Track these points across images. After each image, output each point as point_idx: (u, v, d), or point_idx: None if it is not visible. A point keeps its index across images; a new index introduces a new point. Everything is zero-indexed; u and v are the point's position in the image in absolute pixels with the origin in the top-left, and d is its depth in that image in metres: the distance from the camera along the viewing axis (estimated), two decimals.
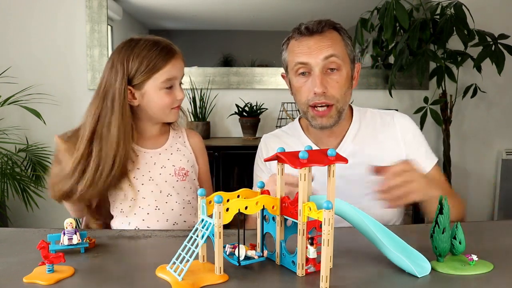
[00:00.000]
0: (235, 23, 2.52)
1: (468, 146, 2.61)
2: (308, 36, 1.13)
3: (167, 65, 1.12)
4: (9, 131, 2.30)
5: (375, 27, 2.31)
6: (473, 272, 0.74)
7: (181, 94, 1.16)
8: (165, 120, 1.20)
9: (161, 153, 1.20)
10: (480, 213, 2.65)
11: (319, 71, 1.11)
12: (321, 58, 1.11)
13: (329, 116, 1.15)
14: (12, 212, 2.39)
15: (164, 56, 1.12)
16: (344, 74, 1.14)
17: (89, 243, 0.87)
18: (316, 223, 0.72)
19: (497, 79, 2.36)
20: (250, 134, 2.39)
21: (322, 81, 1.11)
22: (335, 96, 1.13)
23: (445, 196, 0.80)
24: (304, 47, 1.13)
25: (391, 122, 1.25)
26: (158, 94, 1.13)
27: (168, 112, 1.16)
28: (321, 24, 1.13)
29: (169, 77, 1.13)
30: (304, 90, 1.15)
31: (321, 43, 1.12)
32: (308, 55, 1.12)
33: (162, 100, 1.13)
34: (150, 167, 1.17)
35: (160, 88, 1.12)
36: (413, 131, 1.24)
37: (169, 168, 1.19)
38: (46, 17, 2.41)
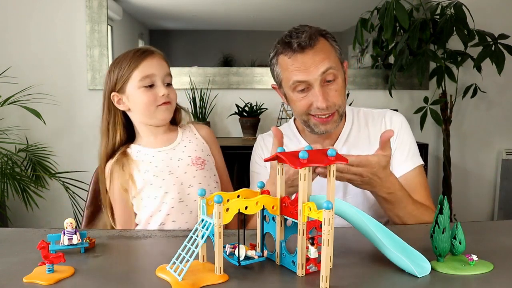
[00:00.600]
0: (235, 23, 2.52)
1: (468, 146, 2.61)
2: (300, 52, 1.11)
3: (141, 63, 1.16)
4: (9, 131, 2.30)
5: (375, 27, 2.31)
6: (473, 272, 0.74)
7: (162, 90, 1.16)
8: (155, 119, 1.19)
9: (175, 148, 1.23)
10: (480, 213, 2.65)
11: (319, 86, 1.11)
12: (319, 73, 1.10)
13: (333, 121, 1.16)
14: (12, 212, 2.39)
15: (139, 56, 1.16)
16: (340, 82, 1.15)
17: (89, 243, 0.87)
18: (316, 223, 0.72)
19: (497, 79, 2.36)
20: (250, 134, 2.39)
21: (324, 95, 1.11)
22: (337, 103, 1.14)
23: (445, 196, 0.80)
24: (299, 65, 1.11)
25: (382, 120, 1.26)
26: (138, 93, 1.16)
27: (154, 110, 1.17)
28: (311, 38, 1.11)
29: (144, 75, 1.15)
30: (303, 103, 1.14)
31: (315, 58, 1.10)
32: (306, 72, 1.11)
33: (142, 98, 1.16)
34: (167, 162, 1.20)
35: (139, 87, 1.15)
36: (403, 130, 1.24)
37: (186, 159, 1.22)
38: (46, 17, 2.41)
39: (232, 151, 2.16)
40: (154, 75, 1.16)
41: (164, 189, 1.17)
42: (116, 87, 1.17)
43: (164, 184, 1.17)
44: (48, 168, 2.33)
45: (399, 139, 1.23)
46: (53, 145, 2.42)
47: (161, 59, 1.19)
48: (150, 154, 1.21)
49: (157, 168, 1.18)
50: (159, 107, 1.17)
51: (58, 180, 2.24)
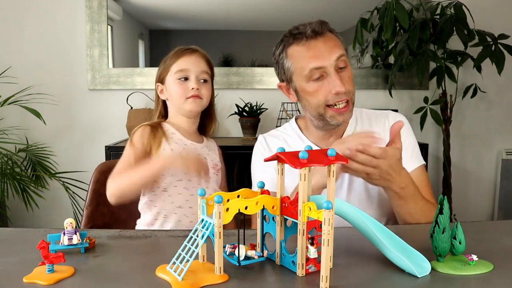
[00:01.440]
0: (235, 23, 2.52)
1: (468, 146, 2.61)
2: (314, 39, 1.13)
3: (180, 58, 1.29)
4: (9, 131, 2.30)
5: (375, 27, 2.31)
6: (473, 272, 0.74)
7: (193, 84, 1.28)
8: (183, 110, 1.31)
9: (202, 148, 1.35)
10: (480, 213, 2.65)
11: (335, 71, 1.12)
12: (334, 59, 1.12)
13: (349, 111, 1.16)
14: (12, 212, 2.39)
15: (180, 53, 1.30)
16: (350, 69, 1.17)
17: (89, 243, 0.87)
18: (316, 223, 0.72)
19: (497, 79, 2.36)
20: (250, 134, 2.39)
21: (342, 79, 1.12)
22: (351, 90, 1.16)
23: (445, 196, 0.80)
24: (314, 51, 1.12)
25: (385, 121, 1.27)
26: (174, 84, 1.29)
27: (184, 101, 1.29)
28: (321, 26, 1.14)
29: (180, 69, 1.28)
30: (320, 93, 1.13)
31: (328, 44, 1.13)
32: (321, 58, 1.11)
33: (175, 89, 1.29)
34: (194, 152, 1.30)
35: (174, 79, 1.29)
36: (405, 131, 1.23)
37: (209, 162, 1.32)
38: (46, 17, 2.41)
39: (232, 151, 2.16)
40: (188, 70, 1.28)
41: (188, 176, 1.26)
42: (160, 78, 1.33)
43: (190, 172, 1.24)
44: (48, 168, 2.33)
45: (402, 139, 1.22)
46: (53, 145, 2.43)
47: (200, 57, 1.31)
48: (183, 141, 1.30)
49: (184, 150, 1.27)
50: (188, 99, 1.28)
51: (58, 180, 2.24)
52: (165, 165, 1.17)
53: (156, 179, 1.22)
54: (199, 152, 1.31)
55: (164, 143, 1.26)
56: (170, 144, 1.26)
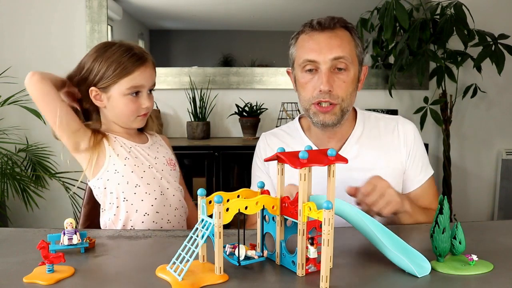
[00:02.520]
0: (235, 23, 2.52)
1: (468, 146, 2.61)
2: (319, 31, 1.12)
3: (134, 72, 1.12)
4: (9, 131, 2.30)
5: (375, 27, 2.31)
6: (473, 272, 0.74)
7: (146, 102, 1.15)
8: (130, 126, 1.20)
9: (149, 147, 1.23)
10: (480, 213, 2.65)
11: (327, 69, 1.10)
12: (330, 58, 1.09)
13: (332, 113, 1.12)
14: (12, 212, 2.39)
15: (133, 64, 1.12)
16: (351, 74, 1.12)
17: (89, 243, 0.87)
18: (316, 223, 0.72)
19: (497, 79, 2.36)
20: (250, 134, 2.39)
21: (329, 79, 1.09)
22: (340, 96, 1.11)
23: (445, 196, 0.80)
24: (314, 43, 1.11)
25: (395, 128, 1.23)
26: (123, 100, 1.13)
27: (133, 119, 1.16)
28: (333, 21, 1.12)
29: (134, 85, 1.12)
30: (309, 87, 1.13)
31: (331, 41, 1.10)
32: (317, 53, 1.10)
33: (127, 106, 1.14)
34: (145, 157, 1.20)
35: (125, 94, 1.13)
36: (416, 142, 1.22)
37: (161, 159, 1.23)
38: (46, 17, 2.41)
39: (232, 151, 2.17)
40: (143, 86, 1.14)
41: (146, 180, 1.16)
42: (98, 83, 1.12)
43: (146, 176, 1.16)
44: (48, 168, 2.33)
45: (413, 152, 1.21)
46: (53, 145, 2.42)
47: (152, 68, 1.17)
48: (127, 145, 1.18)
49: (137, 159, 1.17)
50: (138, 117, 1.17)
51: (58, 180, 2.24)
52: None
53: None
54: (148, 153, 1.20)
55: (108, 148, 1.14)
56: (115, 149, 1.15)
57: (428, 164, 1.24)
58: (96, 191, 1.18)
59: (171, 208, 1.20)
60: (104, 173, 1.14)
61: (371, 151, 1.20)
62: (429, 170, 1.24)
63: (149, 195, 1.16)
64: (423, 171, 1.22)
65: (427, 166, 1.24)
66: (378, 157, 1.19)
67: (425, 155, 1.25)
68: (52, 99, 1.08)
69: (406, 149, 1.21)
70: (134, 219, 1.15)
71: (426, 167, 1.23)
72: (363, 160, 1.17)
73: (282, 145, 1.24)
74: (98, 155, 1.14)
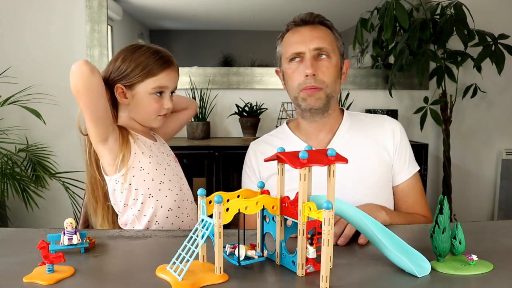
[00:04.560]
0: (235, 23, 2.52)
1: (468, 146, 2.61)
2: (302, 25, 1.22)
3: (162, 73, 1.18)
4: (9, 131, 2.30)
5: (375, 27, 2.31)
6: (473, 272, 0.74)
7: (168, 103, 1.21)
8: (150, 125, 1.24)
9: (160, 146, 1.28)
10: (480, 213, 2.65)
11: (311, 56, 1.18)
12: (312, 47, 1.18)
13: (318, 97, 1.18)
14: (12, 212, 2.39)
15: (161, 65, 1.18)
16: (333, 61, 1.20)
17: (89, 243, 0.87)
18: (316, 223, 0.72)
19: (497, 79, 2.36)
20: (250, 134, 2.39)
21: (313, 64, 1.17)
22: (325, 81, 1.18)
23: (445, 196, 0.80)
24: (298, 36, 1.21)
25: (382, 125, 1.28)
26: (148, 98, 1.18)
27: (154, 118, 1.21)
28: (313, 15, 1.23)
29: (160, 85, 1.18)
30: (295, 75, 1.20)
31: (313, 33, 1.20)
32: (302, 44, 1.18)
33: (150, 105, 1.19)
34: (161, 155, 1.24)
35: (150, 93, 1.18)
36: (403, 138, 1.27)
37: (170, 156, 1.28)
38: (46, 17, 2.41)
39: (232, 151, 2.16)
40: (167, 87, 1.20)
41: (168, 177, 1.20)
42: (125, 80, 1.17)
43: (167, 173, 1.21)
44: (48, 168, 2.33)
45: (400, 147, 1.25)
46: (53, 145, 2.42)
47: (177, 72, 1.23)
48: (148, 143, 1.23)
49: (158, 157, 1.21)
50: (159, 117, 1.22)
51: (58, 180, 2.24)
52: None
53: None
54: (162, 151, 1.24)
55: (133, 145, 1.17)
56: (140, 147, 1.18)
57: (413, 160, 1.28)
58: (117, 187, 1.17)
59: (188, 202, 1.25)
60: (129, 170, 1.16)
61: (361, 142, 1.24)
62: (415, 166, 1.28)
63: (171, 191, 1.20)
64: (409, 167, 1.26)
65: (413, 162, 1.28)
66: (368, 148, 1.24)
67: (411, 151, 1.29)
68: (99, 92, 1.08)
69: (394, 143, 1.25)
70: (159, 214, 1.18)
71: (412, 163, 1.27)
72: (354, 151, 1.22)
73: (271, 149, 1.28)
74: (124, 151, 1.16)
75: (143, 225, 1.18)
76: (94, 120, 1.09)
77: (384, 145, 1.25)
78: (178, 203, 1.21)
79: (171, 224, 1.19)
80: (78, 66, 1.04)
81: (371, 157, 1.23)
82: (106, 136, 1.11)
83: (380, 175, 1.22)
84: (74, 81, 1.05)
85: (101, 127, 1.10)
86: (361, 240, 0.91)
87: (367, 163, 1.21)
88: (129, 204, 1.18)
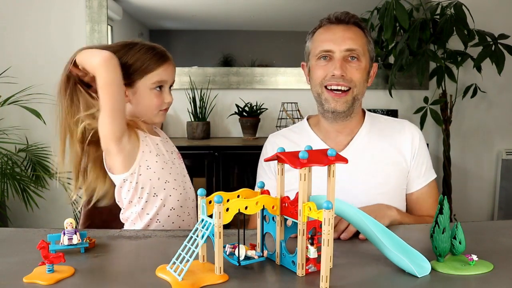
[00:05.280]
0: (235, 23, 2.52)
1: (468, 146, 2.61)
2: (335, 24, 1.19)
3: (160, 68, 1.18)
4: (9, 131, 2.30)
5: (375, 27, 2.31)
6: (473, 272, 0.74)
7: (169, 97, 1.21)
8: (152, 121, 1.23)
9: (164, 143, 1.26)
10: (480, 213, 2.65)
11: (341, 57, 1.15)
12: (344, 48, 1.15)
13: (345, 101, 1.16)
14: (12, 212, 2.39)
15: (158, 60, 1.18)
16: (363, 65, 1.17)
17: (89, 243, 0.87)
18: (316, 223, 0.72)
19: (497, 79, 2.36)
20: (250, 134, 2.39)
21: (342, 65, 1.15)
22: (354, 80, 1.16)
23: (445, 196, 0.80)
24: (330, 34, 1.18)
25: (402, 130, 1.25)
26: (149, 94, 1.18)
27: (156, 113, 1.20)
28: (348, 15, 1.20)
29: (159, 79, 1.18)
30: (321, 70, 1.17)
31: (346, 33, 1.17)
32: (333, 43, 1.16)
33: (152, 100, 1.18)
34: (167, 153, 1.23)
35: (151, 88, 1.18)
36: (421, 145, 1.24)
37: (175, 153, 1.28)
38: (46, 17, 2.41)
39: (232, 151, 2.17)
40: (166, 82, 1.20)
41: (173, 176, 1.20)
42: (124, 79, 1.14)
43: (173, 172, 1.21)
44: (48, 168, 2.33)
45: (418, 154, 1.23)
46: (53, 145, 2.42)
47: (173, 67, 1.23)
48: (155, 141, 1.22)
49: (164, 156, 1.21)
50: (161, 112, 1.21)
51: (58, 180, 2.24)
52: None
53: None
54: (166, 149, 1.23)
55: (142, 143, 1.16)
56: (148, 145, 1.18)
57: (431, 168, 1.26)
58: (124, 185, 1.17)
59: (190, 200, 1.24)
60: (136, 168, 1.16)
61: (379, 146, 1.22)
62: (432, 174, 1.25)
63: (175, 190, 1.20)
64: (426, 173, 1.24)
65: (430, 170, 1.25)
66: (385, 152, 1.21)
67: (429, 159, 1.26)
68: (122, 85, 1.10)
69: (412, 150, 1.22)
70: (162, 213, 1.18)
71: (429, 170, 1.25)
72: (370, 155, 1.20)
73: (289, 143, 1.26)
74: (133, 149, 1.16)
75: (145, 222, 1.18)
76: (113, 114, 1.08)
77: (402, 151, 1.22)
78: (181, 202, 1.21)
79: (172, 223, 1.19)
80: (107, 60, 1.06)
81: (387, 162, 1.20)
82: (121, 133, 1.11)
83: (395, 181, 1.20)
84: (105, 74, 1.06)
85: (118, 123, 1.10)
86: (362, 235, 0.91)
87: (383, 168, 1.19)
88: (134, 202, 1.18)
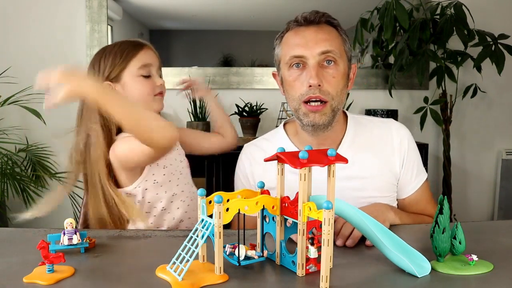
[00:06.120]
0: (235, 23, 2.52)
1: (468, 146, 2.61)
2: (305, 26, 1.08)
3: (139, 52, 1.14)
4: (9, 131, 2.29)
5: (375, 27, 2.31)
6: (473, 272, 0.74)
7: (159, 80, 1.17)
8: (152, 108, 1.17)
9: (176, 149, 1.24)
10: (480, 213, 2.65)
11: (315, 63, 1.05)
12: (318, 52, 1.05)
13: (323, 113, 1.06)
14: (12, 212, 2.39)
15: (135, 46, 1.15)
16: (341, 69, 1.08)
17: (89, 243, 0.87)
18: (316, 223, 0.72)
19: (497, 79, 2.36)
20: (250, 134, 2.39)
21: (318, 73, 1.04)
22: (330, 92, 1.06)
23: (445, 196, 0.80)
24: (300, 38, 1.07)
25: (389, 133, 1.18)
26: (137, 82, 1.14)
27: (151, 99, 1.16)
28: (318, 15, 1.09)
29: (144, 63, 1.14)
30: (297, 84, 1.07)
31: (318, 35, 1.06)
32: (304, 47, 1.05)
33: (143, 86, 1.14)
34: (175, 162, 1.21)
35: (137, 75, 1.14)
36: (410, 148, 1.18)
37: (184, 162, 1.26)
38: (46, 17, 2.41)
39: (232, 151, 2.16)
40: (151, 65, 1.16)
41: (180, 187, 1.19)
42: (110, 75, 1.13)
43: (180, 183, 1.19)
44: (48, 168, 2.33)
45: (407, 160, 1.17)
46: (53, 145, 2.42)
47: (153, 51, 1.20)
48: None
49: (172, 166, 1.18)
50: (156, 97, 1.17)
51: (58, 180, 2.24)
52: None
53: None
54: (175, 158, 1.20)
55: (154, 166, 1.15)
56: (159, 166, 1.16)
57: (422, 169, 1.21)
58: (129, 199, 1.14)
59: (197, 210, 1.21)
60: (141, 183, 1.13)
61: (365, 157, 1.14)
62: (422, 175, 1.20)
63: (183, 202, 1.19)
64: (417, 177, 1.19)
65: (421, 171, 1.20)
66: (373, 164, 1.15)
67: (419, 160, 1.20)
68: None
69: (400, 157, 1.16)
70: (170, 226, 1.18)
71: (420, 173, 1.20)
72: (358, 168, 1.12)
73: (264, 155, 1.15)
74: None
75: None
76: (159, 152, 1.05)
77: (390, 160, 1.16)
78: (189, 214, 1.20)
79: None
80: (171, 131, 0.98)
81: (376, 173, 1.14)
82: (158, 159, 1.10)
83: (384, 194, 1.14)
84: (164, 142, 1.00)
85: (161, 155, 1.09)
86: (369, 242, 0.87)
87: (370, 182, 1.13)
88: None
